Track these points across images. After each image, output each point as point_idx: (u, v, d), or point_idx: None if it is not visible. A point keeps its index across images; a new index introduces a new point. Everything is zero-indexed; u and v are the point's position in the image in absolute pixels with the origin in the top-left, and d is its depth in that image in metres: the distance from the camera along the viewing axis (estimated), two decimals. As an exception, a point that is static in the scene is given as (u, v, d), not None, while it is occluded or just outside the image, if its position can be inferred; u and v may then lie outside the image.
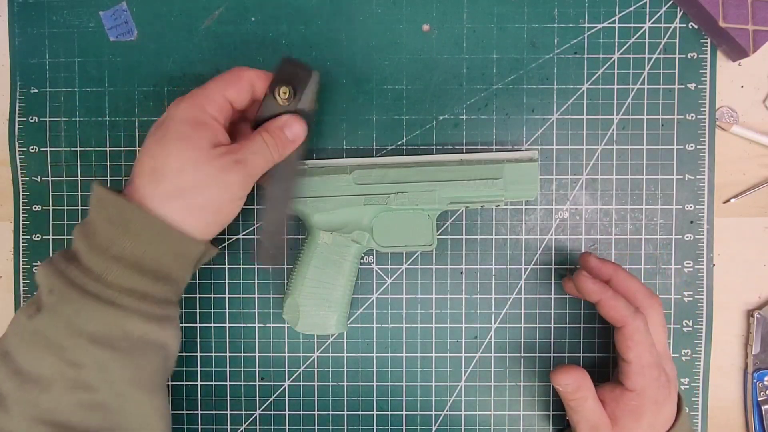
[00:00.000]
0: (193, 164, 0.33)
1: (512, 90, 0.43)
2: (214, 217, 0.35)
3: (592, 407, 0.38)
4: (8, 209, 0.45)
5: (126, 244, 0.32)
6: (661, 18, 0.43)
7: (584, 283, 0.38)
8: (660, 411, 0.38)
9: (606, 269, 0.39)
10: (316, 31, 0.43)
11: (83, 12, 0.43)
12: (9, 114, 0.44)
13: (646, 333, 0.37)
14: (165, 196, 0.33)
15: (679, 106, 0.43)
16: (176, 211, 0.33)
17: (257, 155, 0.35)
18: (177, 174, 0.33)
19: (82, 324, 0.32)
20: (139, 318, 0.33)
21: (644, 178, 0.44)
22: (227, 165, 0.33)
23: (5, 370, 0.32)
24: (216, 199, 0.34)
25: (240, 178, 0.34)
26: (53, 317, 0.32)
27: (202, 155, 0.33)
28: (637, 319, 0.37)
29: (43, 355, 0.32)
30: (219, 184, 0.33)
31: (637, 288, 0.39)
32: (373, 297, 0.44)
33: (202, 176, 0.33)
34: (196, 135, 0.33)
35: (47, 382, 0.31)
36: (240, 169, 0.34)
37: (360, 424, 0.44)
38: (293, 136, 0.37)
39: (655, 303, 0.38)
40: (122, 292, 0.32)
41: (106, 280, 0.32)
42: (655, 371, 0.37)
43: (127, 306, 0.32)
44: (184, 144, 0.33)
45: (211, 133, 0.34)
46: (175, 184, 0.33)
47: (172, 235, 0.33)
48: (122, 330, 0.32)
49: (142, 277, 0.33)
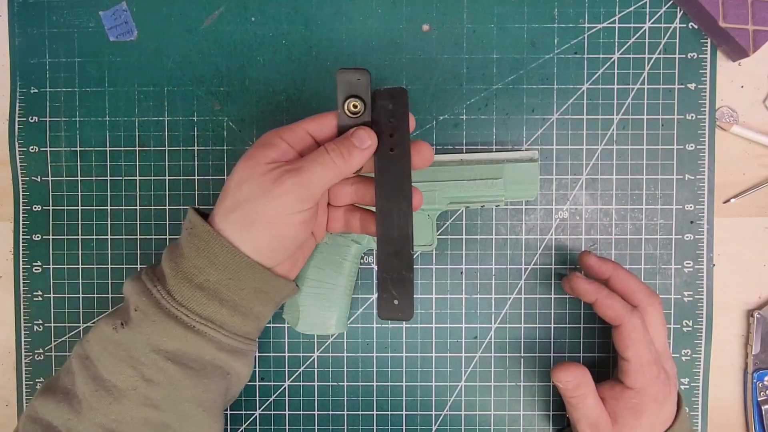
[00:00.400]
0: (249, 177, 0.33)
1: (512, 90, 0.43)
2: (270, 232, 0.33)
3: (592, 405, 0.38)
4: (8, 209, 0.45)
5: (211, 274, 0.33)
6: (661, 18, 0.43)
7: (579, 284, 0.38)
8: (660, 409, 0.38)
9: (605, 268, 0.40)
10: (316, 31, 0.43)
11: (83, 12, 0.43)
12: (9, 114, 0.44)
13: (643, 331, 0.37)
14: (225, 211, 0.33)
15: (679, 106, 0.43)
16: (231, 225, 0.33)
17: (315, 162, 0.33)
18: (236, 189, 0.33)
19: (162, 342, 0.33)
20: (213, 346, 0.34)
21: (644, 178, 0.44)
22: (280, 174, 0.32)
23: (85, 374, 0.33)
24: (269, 211, 0.32)
25: (291, 187, 0.32)
26: (136, 333, 0.33)
27: (259, 169, 0.32)
28: (634, 317, 0.37)
29: (122, 368, 0.33)
30: (272, 195, 0.32)
31: (637, 286, 0.39)
32: (373, 297, 0.44)
33: (256, 187, 0.32)
34: (259, 153, 0.33)
35: (120, 394, 0.33)
36: (293, 176, 0.32)
37: (360, 424, 0.44)
38: (360, 142, 0.33)
39: (654, 301, 0.39)
40: (202, 319, 0.33)
41: (188, 307, 0.33)
42: (655, 369, 0.37)
43: (205, 333, 0.33)
44: (245, 162, 0.33)
45: (275, 152, 0.33)
46: (234, 198, 0.33)
47: (255, 270, 0.33)
48: (197, 352, 0.34)
49: (222, 307, 0.34)
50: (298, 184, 0.32)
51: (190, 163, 0.44)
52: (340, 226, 0.38)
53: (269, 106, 0.44)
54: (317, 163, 0.33)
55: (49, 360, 0.45)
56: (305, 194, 0.32)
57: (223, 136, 0.44)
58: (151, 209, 0.44)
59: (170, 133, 0.44)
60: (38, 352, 0.45)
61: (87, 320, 0.44)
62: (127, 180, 0.44)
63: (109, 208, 0.44)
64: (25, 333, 0.45)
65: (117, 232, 0.44)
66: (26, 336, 0.45)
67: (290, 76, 0.44)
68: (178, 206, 0.44)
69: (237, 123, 0.44)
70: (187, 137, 0.44)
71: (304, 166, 0.32)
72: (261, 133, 0.43)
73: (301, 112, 0.43)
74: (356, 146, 0.33)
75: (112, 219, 0.44)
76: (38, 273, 0.44)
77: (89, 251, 0.44)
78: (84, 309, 0.44)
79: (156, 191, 0.44)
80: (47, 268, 0.44)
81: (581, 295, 0.38)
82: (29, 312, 0.44)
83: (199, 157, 0.44)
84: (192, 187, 0.44)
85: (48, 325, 0.44)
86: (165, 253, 0.35)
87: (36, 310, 0.44)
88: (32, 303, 0.44)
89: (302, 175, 0.32)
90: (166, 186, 0.44)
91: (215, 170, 0.44)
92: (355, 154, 0.33)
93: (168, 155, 0.44)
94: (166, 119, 0.44)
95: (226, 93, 0.44)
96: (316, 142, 0.35)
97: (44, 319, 0.44)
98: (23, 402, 0.45)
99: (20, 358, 0.45)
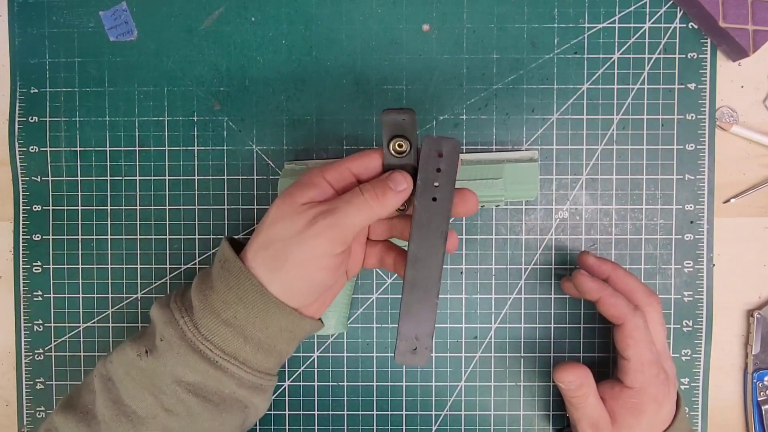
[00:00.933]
0: (283, 216, 0.32)
1: (512, 90, 0.43)
2: (299, 273, 0.32)
3: (593, 404, 0.38)
4: (8, 209, 0.45)
5: (239, 311, 0.33)
6: (661, 18, 0.43)
7: (584, 281, 0.38)
8: (659, 409, 0.38)
9: (604, 268, 0.40)
10: (316, 31, 0.43)
11: (83, 12, 0.43)
12: (9, 114, 0.44)
13: (645, 330, 0.37)
14: (258, 247, 0.33)
15: (679, 106, 0.43)
16: (261, 264, 0.32)
17: (348, 203, 0.32)
18: (270, 226, 0.32)
19: (184, 374, 0.33)
20: (234, 381, 0.34)
21: (644, 178, 0.44)
22: (314, 215, 0.31)
23: (107, 396, 0.33)
24: (299, 253, 0.31)
25: (323, 229, 0.31)
26: (160, 363, 0.33)
27: (294, 209, 0.32)
28: (637, 316, 0.37)
29: (143, 395, 0.33)
30: (303, 236, 0.31)
31: (636, 286, 0.39)
32: (373, 297, 0.44)
33: (289, 226, 0.32)
34: (298, 192, 0.32)
35: (139, 421, 0.33)
36: (325, 217, 0.31)
37: (360, 424, 0.44)
38: (396, 185, 0.32)
39: (654, 301, 0.39)
40: (225, 355, 0.33)
41: (213, 342, 0.33)
42: (655, 369, 0.37)
43: (227, 369, 0.33)
44: (282, 200, 0.33)
45: (314, 191, 0.32)
46: (267, 236, 0.32)
47: (283, 311, 0.33)
48: (217, 386, 0.33)
49: (246, 344, 0.33)
50: (330, 225, 0.31)
51: (190, 163, 0.44)
52: (375, 262, 0.37)
53: (269, 106, 0.44)
54: (350, 204, 0.32)
55: (49, 360, 0.45)
56: (337, 236, 0.31)
57: (223, 136, 0.44)
58: (151, 209, 0.44)
59: (170, 133, 0.44)
60: (38, 352, 0.45)
61: (87, 320, 0.44)
62: (127, 180, 0.44)
63: (109, 208, 0.44)
64: (25, 333, 0.45)
65: (117, 232, 0.44)
66: (26, 336, 0.45)
67: (290, 76, 0.44)
68: (178, 206, 0.44)
69: (237, 123, 0.44)
70: (187, 137, 0.44)
71: (337, 207, 0.32)
72: (261, 133, 0.43)
73: (302, 112, 0.43)
74: (391, 188, 0.32)
75: (112, 219, 0.44)
76: (38, 273, 0.44)
77: (89, 251, 0.44)
78: (84, 309, 0.44)
79: (156, 191, 0.44)
80: (47, 268, 0.44)
81: (585, 293, 0.38)
82: (29, 312, 0.44)
83: (199, 157, 0.44)
84: (192, 187, 0.44)
85: (48, 325, 0.44)
86: (195, 281, 0.35)
87: (36, 310, 0.44)
88: (32, 303, 0.44)
89: (335, 216, 0.31)
90: (166, 186, 0.44)
91: (215, 170, 0.44)
92: (390, 196, 0.32)
93: (168, 155, 0.44)
94: (166, 119, 0.44)
95: (226, 93, 0.44)
96: (359, 180, 0.34)
97: (44, 319, 0.44)
98: (23, 402, 0.45)
99: (20, 358, 0.45)
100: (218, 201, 0.44)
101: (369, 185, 0.33)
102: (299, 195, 0.32)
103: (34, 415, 0.45)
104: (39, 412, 0.45)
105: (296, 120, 0.44)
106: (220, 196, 0.44)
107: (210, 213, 0.44)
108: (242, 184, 0.44)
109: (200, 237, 0.44)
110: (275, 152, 0.44)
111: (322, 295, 0.35)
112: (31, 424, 0.45)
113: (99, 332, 0.44)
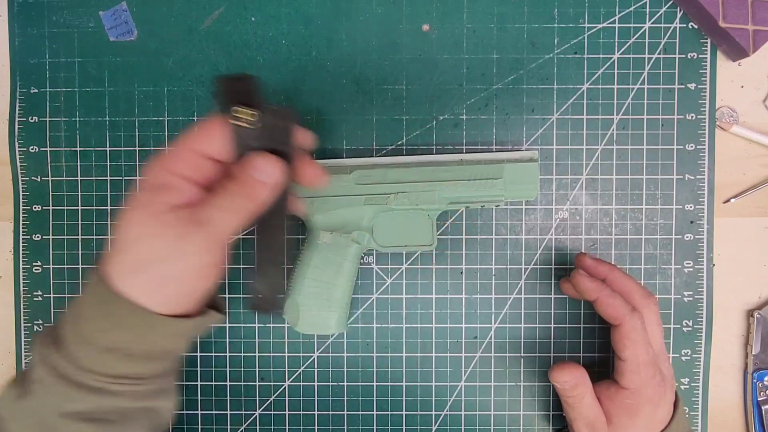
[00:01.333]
0: (149, 234, 0.29)
1: (512, 90, 0.43)
2: (182, 290, 0.30)
3: (589, 404, 0.38)
4: (8, 209, 0.45)
5: (119, 335, 0.30)
6: (661, 18, 0.43)
7: (582, 281, 0.38)
8: (655, 411, 0.38)
9: (601, 269, 0.40)
10: (316, 31, 0.43)
11: (83, 12, 0.43)
12: (9, 114, 0.44)
13: (642, 331, 0.37)
14: (126, 271, 0.30)
15: (679, 106, 0.43)
16: (138, 288, 0.30)
17: (223, 209, 0.30)
18: (134, 244, 0.30)
19: (72, 407, 0.31)
20: (130, 396, 0.32)
21: (644, 178, 0.44)
22: (186, 230, 0.29)
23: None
24: (178, 272, 0.29)
25: (201, 243, 0.29)
26: (42, 402, 0.31)
27: (158, 222, 0.29)
28: (634, 317, 0.37)
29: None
30: (181, 253, 0.29)
31: (633, 287, 0.39)
32: (373, 297, 0.44)
33: (160, 245, 0.29)
34: (156, 200, 0.30)
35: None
36: (201, 231, 0.29)
37: (360, 424, 0.44)
38: (265, 176, 0.31)
39: (651, 302, 0.39)
40: (113, 378, 0.31)
41: (96, 370, 0.30)
42: (651, 370, 0.37)
43: (119, 391, 0.31)
44: (140, 212, 0.30)
45: (172, 195, 0.30)
46: (134, 258, 0.30)
47: (168, 323, 0.31)
48: (113, 405, 0.31)
49: (134, 362, 0.31)
50: (207, 238, 0.29)
51: (190, 163, 0.44)
52: None
53: (269, 106, 0.44)
54: (226, 209, 0.30)
55: (49, 360, 0.45)
56: (215, 245, 0.30)
57: (223, 136, 0.44)
58: (151, 209, 0.44)
59: (170, 133, 0.44)
60: (38, 352, 0.45)
61: (87, 320, 0.44)
62: (127, 180, 0.44)
63: (109, 208, 0.44)
64: (25, 333, 0.44)
65: (117, 232, 0.44)
66: (26, 336, 0.45)
67: (290, 76, 0.44)
68: (178, 206, 0.44)
69: (237, 123, 0.44)
70: (187, 137, 0.44)
71: (209, 216, 0.29)
72: (261, 133, 0.43)
73: (302, 112, 0.43)
74: (261, 182, 0.30)
75: (112, 219, 0.44)
76: (38, 273, 0.44)
77: (89, 251, 0.44)
78: (84, 309, 0.44)
79: (156, 191, 0.44)
80: (47, 268, 0.44)
81: (584, 293, 0.38)
82: (29, 312, 0.44)
83: (199, 157, 0.44)
84: (192, 187, 0.44)
85: (48, 325, 0.44)
86: (66, 314, 0.32)
87: (36, 310, 0.44)
88: (32, 303, 0.44)
89: (210, 227, 0.29)
90: (166, 186, 0.44)
91: (215, 170, 0.44)
92: (262, 189, 0.31)
93: (168, 155, 0.44)
94: (166, 119, 0.44)
95: (226, 93, 0.44)
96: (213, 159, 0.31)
97: (44, 319, 0.44)
98: (23, 402, 0.45)
99: (20, 358, 0.45)
100: (218, 201, 0.44)
101: (236, 184, 0.30)
102: (157, 203, 0.29)
103: (34, 415, 0.45)
104: (39, 412, 0.45)
105: (296, 120, 0.44)
106: (220, 196, 0.44)
107: (210, 213, 0.44)
108: (242, 184, 0.44)
109: (200, 237, 0.44)
110: (275, 152, 0.44)
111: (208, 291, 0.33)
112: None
113: (99, 332, 0.44)
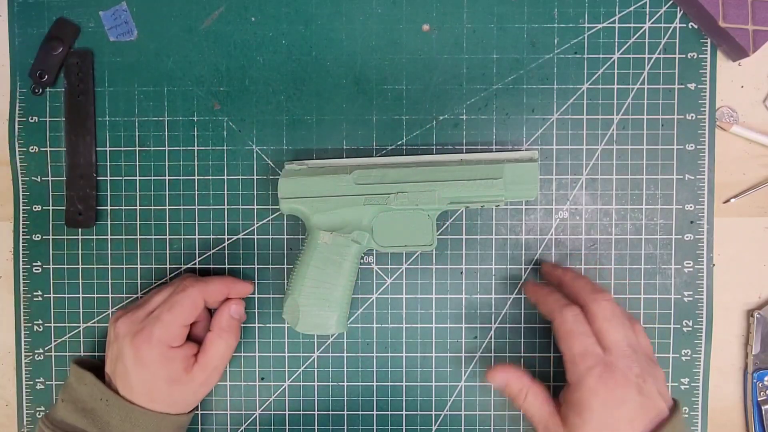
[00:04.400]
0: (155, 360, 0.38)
1: (512, 90, 0.43)
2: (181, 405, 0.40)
3: (532, 403, 0.38)
4: (8, 209, 0.45)
5: None
6: (661, 18, 0.43)
7: (525, 288, 0.43)
8: (609, 408, 0.35)
9: (555, 273, 0.42)
10: (316, 31, 0.43)
11: (83, 12, 0.43)
12: (9, 114, 0.44)
13: (574, 323, 0.37)
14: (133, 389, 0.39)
15: (679, 106, 0.43)
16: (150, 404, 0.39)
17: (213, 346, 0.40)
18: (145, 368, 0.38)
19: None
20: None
21: (644, 178, 0.44)
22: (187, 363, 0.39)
23: None
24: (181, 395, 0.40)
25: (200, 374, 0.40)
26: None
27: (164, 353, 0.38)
28: (565, 311, 0.37)
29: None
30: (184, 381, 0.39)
31: (583, 285, 0.39)
32: (373, 297, 0.44)
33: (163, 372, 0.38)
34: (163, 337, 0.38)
35: None
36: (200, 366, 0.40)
37: (360, 424, 0.44)
38: (239, 315, 0.42)
39: (599, 297, 0.38)
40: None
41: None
42: (589, 361, 0.36)
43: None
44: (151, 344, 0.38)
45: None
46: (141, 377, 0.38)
47: (172, 419, 0.40)
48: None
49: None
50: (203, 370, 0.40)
51: (190, 163, 0.44)
52: None
53: (269, 106, 0.44)
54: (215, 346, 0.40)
55: (49, 360, 0.45)
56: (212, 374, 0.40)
57: (223, 136, 0.44)
58: (151, 209, 0.44)
59: (170, 133, 0.44)
60: (38, 352, 0.45)
61: (87, 320, 0.44)
62: (127, 180, 0.44)
63: (108, 208, 0.44)
64: (25, 333, 0.45)
65: (117, 232, 0.44)
66: (26, 336, 0.45)
67: (290, 76, 0.44)
68: (178, 206, 0.44)
69: (237, 123, 0.44)
70: (187, 137, 0.44)
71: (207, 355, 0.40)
72: (261, 133, 0.44)
73: (302, 112, 0.43)
74: (237, 320, 0.42)
75: (112, 219, 0.44)
76: (38, 273, 0.44)
77: (89, 251, 0.44)
78: (84, 309, 0.44)
79: (156, 191, 0.44)
80: (47, 268, 0.44)
81: (529, 299, 0.42)
82: (29, 312, 0.44)
83: (199, 157, 0.44)
84: (192, 187, 0.44)
85: (48, 325, 0.44)
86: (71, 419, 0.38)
87: (36, 310, 0.44)
88: (32, 303, 0.44)
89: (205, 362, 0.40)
90: (166, 186, 0.44)
91: (215, 170, 0.44)
92: (238, 329, 0.42)
93: (168, 155, 0.44)
94: (166, 119, 0.44)
95: (226, 93, 0.44)
96: None
97: (44, 319, 0.44)
98: (23, 402, 0.45)
99: (20, 358, 0.45)
100: (218, 201, 0.44)
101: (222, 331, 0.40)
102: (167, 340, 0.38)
103: (34, 415, 0.45)
104: (39, 412, 0.45)
105: (296, 120, 0.44)
106: (220, 196, 0.44)
107: (210, 213, 0.44)
108: (242, 184, 0.44)
109: (200, 237, 0.44)
110: (275, 152, 0.44)
111: None
112: (31, 424, 0.45)
113: (99, 332, 0.44)
